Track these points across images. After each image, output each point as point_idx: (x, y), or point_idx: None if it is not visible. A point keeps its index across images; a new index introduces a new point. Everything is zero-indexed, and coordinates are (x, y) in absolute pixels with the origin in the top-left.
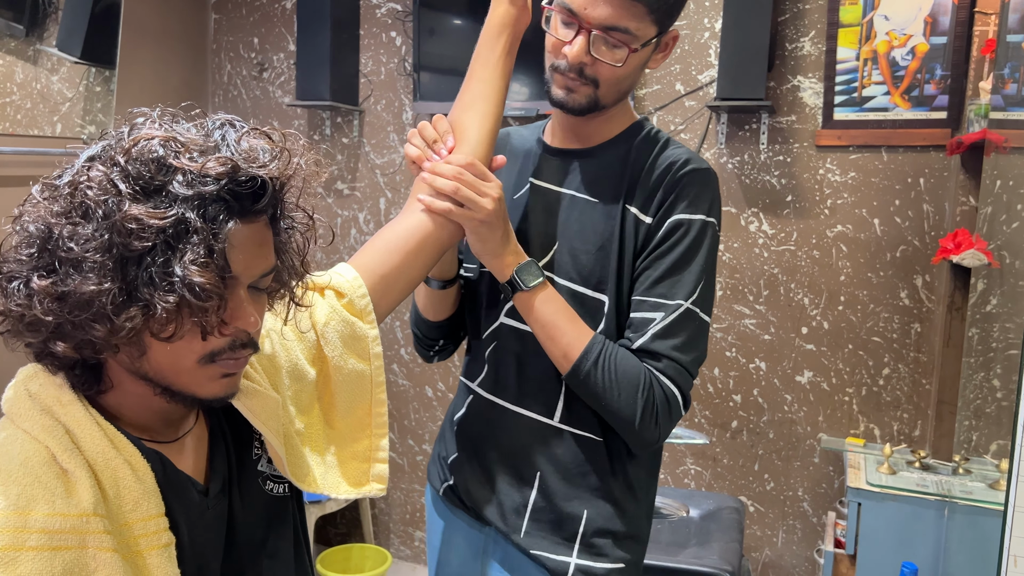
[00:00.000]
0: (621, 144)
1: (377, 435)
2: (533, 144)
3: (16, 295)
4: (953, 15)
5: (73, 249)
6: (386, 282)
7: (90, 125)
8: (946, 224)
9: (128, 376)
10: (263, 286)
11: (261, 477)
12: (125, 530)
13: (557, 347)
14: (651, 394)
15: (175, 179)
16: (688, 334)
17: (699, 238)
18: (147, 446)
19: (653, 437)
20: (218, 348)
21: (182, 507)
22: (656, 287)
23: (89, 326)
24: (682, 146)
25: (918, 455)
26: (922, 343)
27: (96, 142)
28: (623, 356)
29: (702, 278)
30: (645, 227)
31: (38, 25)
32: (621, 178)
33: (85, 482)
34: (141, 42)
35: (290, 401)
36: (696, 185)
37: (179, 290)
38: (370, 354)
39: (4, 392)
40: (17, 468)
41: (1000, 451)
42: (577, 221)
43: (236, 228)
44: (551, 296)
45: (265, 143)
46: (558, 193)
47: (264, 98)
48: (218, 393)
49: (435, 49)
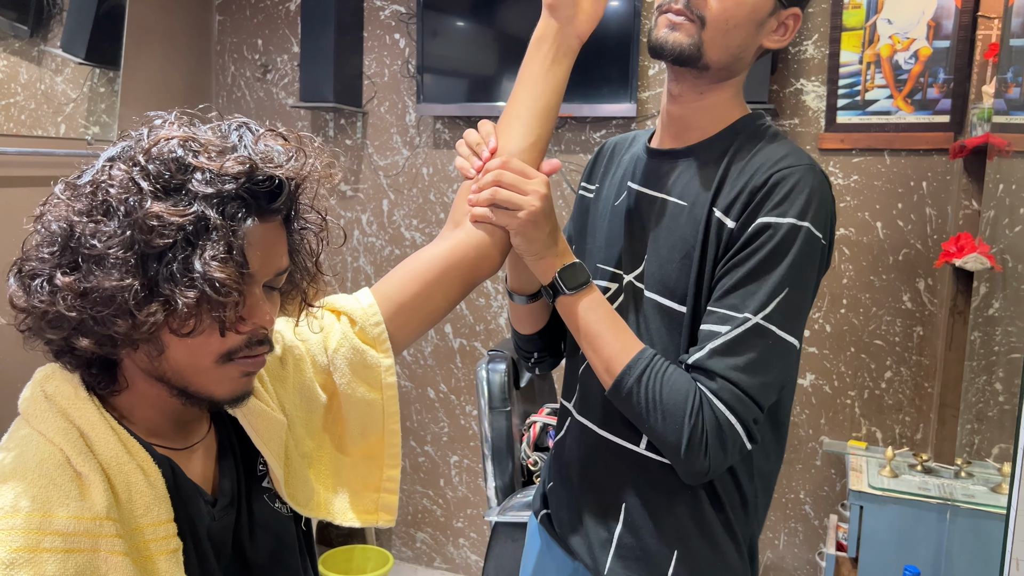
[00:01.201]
0: (723, 141)
1: (389, 466)
2: (639, 148)
3: (39, 292)
4: (956, 19)
5: (96, 246)
6: (404, 312)
7: (94, 126)
8: (948, 227)
9: (143, 377)
10: (277, 285)
11: (268, 494)
12: (136, 534)
13: (599, 359)
14: (699, 419)
15: (194, 177)
16: (755, 353)
17: (784, 244)
18: (159, 452)
19: (702, 468)
20: (235, 346)
21: (189, 515)
22: (727, 297)
23: (111, 321)
24: (789, 142)
25: (920, 458)
26: (924, 346)
27: (115, 143)
28: (672, 374)
29: (782, 290)
30: (727, 232)
31: (42, 26)
32: (712, 178)
33: (99, 486)
34: (145, 43)
35: (299, 423)
36: (789, 183)
37: (200, 285)
38: (382, 384)
39: (22, 392)
40: (33, 470)
41: (1002, 455)
42: (666, 227)
43: (254, 226)
44: (596, 302)
45: (281, 144)
46: (652, 197)
47: (268, 99)
48: (235, 392)
49: (438, 51)
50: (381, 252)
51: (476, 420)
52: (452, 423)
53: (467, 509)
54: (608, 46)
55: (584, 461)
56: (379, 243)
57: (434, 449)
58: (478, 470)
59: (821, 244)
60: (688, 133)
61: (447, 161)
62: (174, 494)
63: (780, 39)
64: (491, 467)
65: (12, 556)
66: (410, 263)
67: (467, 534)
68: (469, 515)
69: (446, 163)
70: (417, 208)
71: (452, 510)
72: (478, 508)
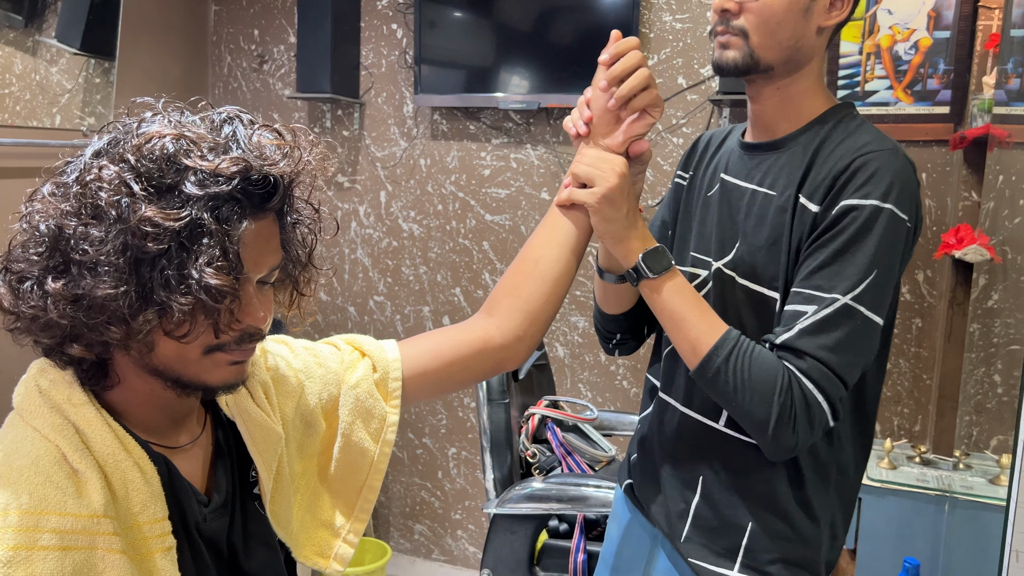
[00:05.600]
0: (811, 132)
1: (357, 519)
2: (733, 142)
3: (30, 297)
4: (957, 10)
5: (87, 251)
6: (422, 380)
7: (89, 117)
8: (948, 219)
9: (135, 371)
10: (269, 280)
11: (258, 501)
12: (134, 531)
13: (685, 340)
14: (788, 397)
15: (187, 179)
16: (843, 333)
17: (868, 224)
18: (154, 449)
19: (790, 444)
20: (226, 341)
21: (183, 514)
22: (812, 278)
23: (105, 328)
24: (873, 128)
25: (919, 450)
26: (923, 338)
27: (100, 135)
28: (759, 354)
29: (871, 271)
30: (811, 215)
31: (37, 16)
32: (800, 167)
33: (95, 483)
34: (141, 34)
35: (294, 442)
36: (871, 167)
37: (195, 292)
38: (381, 437)
39: (16, 387)
40: (28, 467)
41: (1000, 446)
42: (756, 216)
43: (247, 226)
44: (680, 286)
45: (275, 139)
46: (743, 189)
47: (264, 90)
48: (227, 379)
49: (436, 42)
50: (379, 244)
51: (474, 412)
52: (450, 415)
53: (465, 501)
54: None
55: (666, 436)
56: (376, 235)
57: (432, 441)
58: (476, 462)
59: (906, 226)
60: (776, 126)
61: (445, 152)
62: (168, 492)
63: (838, 13)
64: (489, 459)
65: (9, 555)
66: (440, 339)
67: (465, 526)
68: (467, 507)
69: (444, 154)
70: (415, 200)
71: (450, 502)
72: (476, 500)
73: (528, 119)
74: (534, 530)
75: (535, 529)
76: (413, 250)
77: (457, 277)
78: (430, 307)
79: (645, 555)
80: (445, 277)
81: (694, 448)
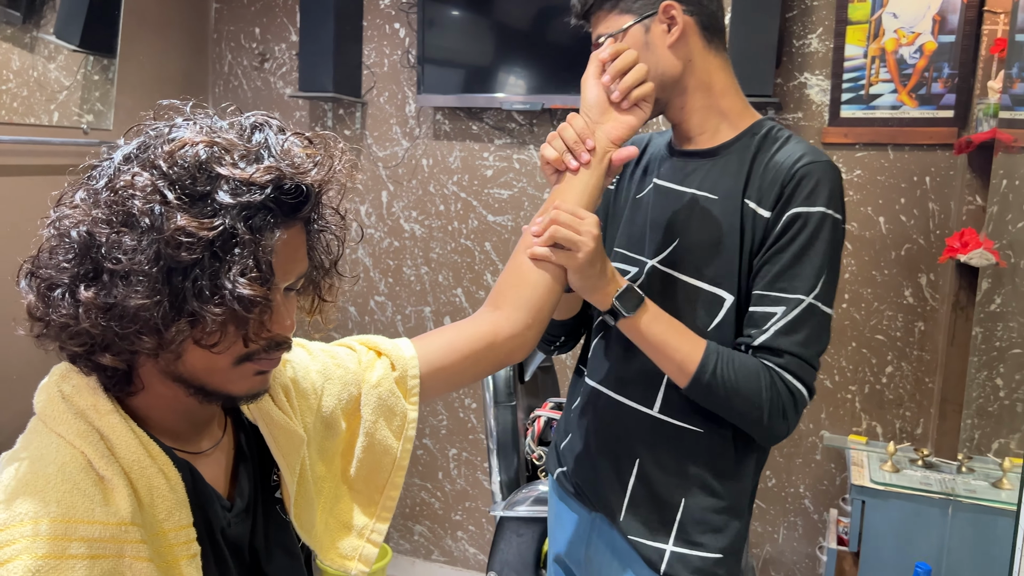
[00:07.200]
0: (741, 142)
1: (381, 517)
2: (661, 147)
3: (60, 304)
4: (962, 14)
5: (120, 260)
6: (439, 376)
7: (88, 114)
8: (951, 223)
9: (159, 378)
10: (295, 287)
11: (279, 505)
12: (160, 538)
13: (671, 363)
14: (774, 392)
15: (220, 187)
16: (810, 329)
17: (817, 230)
18: (178, 455)
19: (782, 432)
20: (255, 350)
21: (207, 520)
22: (776, 282)
23: (137, 338)
24: (803, 142)
25: (921, 453)
26: (925, 341)
27: (128, 139)
28: (740, 360)
29: (823, 272)
30: (763, 221)
31: (35, 12)
32: (739, 174)
33: (122, 490)
34: (141, 31)
35: (315, 445)
36: (813, 177)
37: (228, 303)
38: (403, 434)
39: (36, 392)
40: (55, 474)
41: (1002, 449)
42: (697, 218)
43: (279, 236)
44: (655, 316)
45: (305, 147)
46: (679, 192)
47: (265, 89)
48: (251, 389)
49: (439, 41)
50: (380, 244)
51: (475, 413)
52: (451, 416)
53: (465, 502)
54: None
55: (599, 422)
56: (378, 235)
57: (432, 442)
58: (476, 463)
59: (842, 227)
60: (699, 138)
61: (447, 153)
62: (192, 498)
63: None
64: (496, 462)
65: (38, 564)
66: (451, 334)
67: (465, 527)
68: (467, 508)
69: (446, 155)
70: (416, 200)
71: (450, 503)
72: (476, 501)
73: (531, 120)
74: (541, 533)
75: (542, 532)
76: (415, 250)
77: (459, 278)
78: (431, 308)
79: (585, 538)
80: (447, 278)
81: (628, 433)
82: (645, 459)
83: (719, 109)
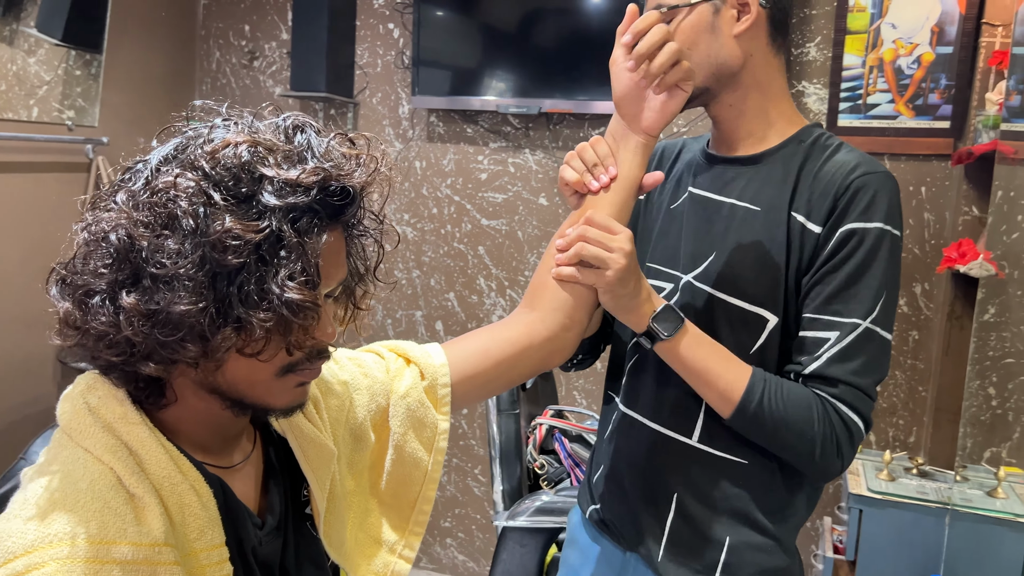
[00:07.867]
0: (787, 150)
1: (413, 532)
2: (696, 153)
3: (101, 312)
4: (960, 25)
5: (164, 264)
6: (471, 384)
7: (69, 110)
8: (946, 233)
9: (193, 390)
10: (334, 294)
11: (310, 522)
12: (190, 558)
13: (713, 391)
14: (827, 425)
15: (264, 188)
16: (867, 356)
17: (875, 248)
18: (209, 471)
19: (836, 469)
20: (297, 360)
21: (239, 538)
22: (830, 304)
23: (181, 346)
24: (856, 150)
25: (916, 462)
26: (919, 350)
27: (163, 140)
28: (789, 389)
29: (882, 293)
30: (813, 236)
31: (16, 4)
32: (785, 184)
33: (154, 509)
34: (126, 26)
35: (344, 459)
36: (870, 190)
37: (276, 308)
38: (434, 446)
39: (59, 403)
40: (84, 493)
41: (993, 458)
42: (736, 231)
43: (326, 239)
44: (696, 339)
45: (347, 148)
46: (718, 202)
47: (254, 88)
48: (291, 402)
49: (434, 43)
50: None
51: (465, 419)
52: None
53: (455, 509)
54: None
55: (634, 453)
56: None
57: None
58: (467, 469)
59: (900, 244)
60: (742, 142)
61: (440, 155)
62: (224, 515)
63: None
64: (499, 470)
65: None
66: (484, 338)
67: (454, 534)
68: (457, 515)
69: (439, 157)
70: (409, 202)
71: (440, 509)
72: (466, 508)
73: (527, 123)
74: (544, 543)
75: (545, 542)
76: (406, 253)
77: (451, 282)
78: (423, 311)
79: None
80: (439, 281)
81: (666, 464)
82: (684, 493)
83: (769, 115)
